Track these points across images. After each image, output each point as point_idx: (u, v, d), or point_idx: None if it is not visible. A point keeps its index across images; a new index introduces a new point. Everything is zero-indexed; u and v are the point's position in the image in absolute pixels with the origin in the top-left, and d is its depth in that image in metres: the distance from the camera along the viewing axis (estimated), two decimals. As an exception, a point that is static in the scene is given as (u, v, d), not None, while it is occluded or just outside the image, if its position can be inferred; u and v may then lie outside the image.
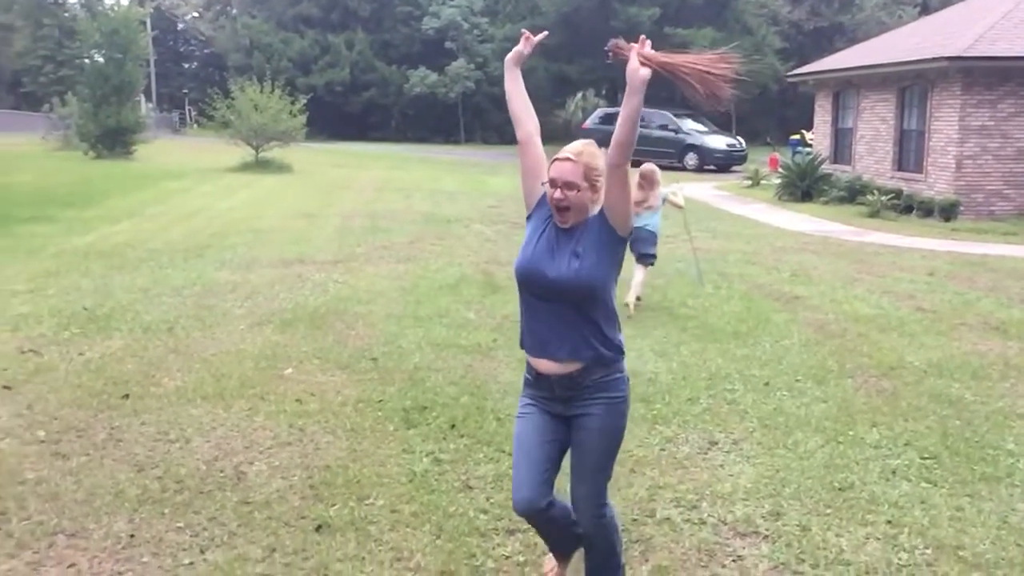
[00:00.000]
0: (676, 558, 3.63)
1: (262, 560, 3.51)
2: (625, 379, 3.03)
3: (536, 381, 3.03)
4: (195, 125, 52.56)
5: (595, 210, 2.96)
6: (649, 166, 8.22)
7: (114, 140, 28.16)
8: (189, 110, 58.56)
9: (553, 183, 2.89)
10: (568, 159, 2.89)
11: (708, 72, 2.84)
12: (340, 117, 46.82)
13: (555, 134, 43.12)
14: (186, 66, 64.80)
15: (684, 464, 4.61)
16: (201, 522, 3.83)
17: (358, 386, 5.80)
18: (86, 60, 33.38)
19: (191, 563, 3.47)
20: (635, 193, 8.03)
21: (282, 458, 4.58)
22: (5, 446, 4.61)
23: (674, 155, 27.86)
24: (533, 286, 2.95)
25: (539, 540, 3.72)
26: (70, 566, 3.43)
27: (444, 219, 14.95)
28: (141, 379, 5.81)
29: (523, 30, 3.18)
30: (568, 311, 2.90)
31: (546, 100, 39.67)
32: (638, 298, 7.97)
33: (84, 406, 5.27)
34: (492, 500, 4.11)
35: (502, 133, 43.19)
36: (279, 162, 25.76)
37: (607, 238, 2.90)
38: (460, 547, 3.65)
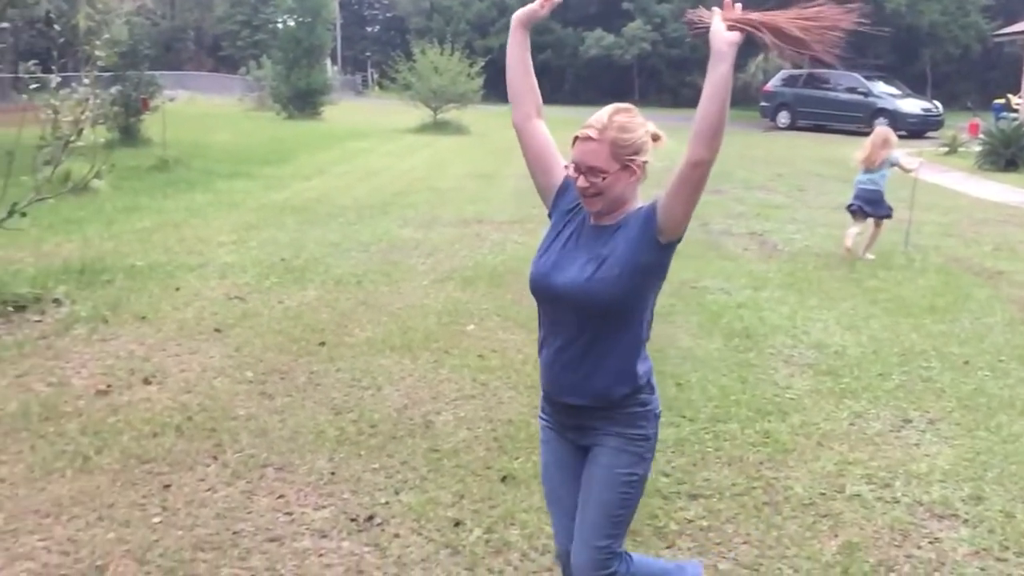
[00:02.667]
0: (867, 535, 3.51)
1: (452, 505, 3.66)
2: (652, 415, 2.41)
3: (546, 399, 2.52)
4: (376, 87, 54.34)
5: (636, 198, 2.34)
6: (885, 128, 9.04)
7: (304, 101, 29.55)
8: (371, 72, 60.61)
9: (576, 168, 2.30)
10: (589, 137, 2.27)
11: (815, 24, 2.18)
12: (515, 79, 47.17)
13: (734, 98, 41.67)
14: (369, 29, 67.01)
15: (875, 441, 4.43)
16: (394, 465, 4.03)
17: (536, 345, 5.88)
18: (279, 24, 35.16)
19: (387, 503, 3.66)
20: (863, 152, 8.63)
21: (467, 410, 4.73)
22: (219, 384, 4.99)
23: (862, 119, 26.36)
24: (540, 295, 2.39)
25: (723, 505, 3.71)
26: (279, 497, 3.70)
27: (619, 182, 14.86)
28: (335, 328, 6.13)
29: None
30: (576, 330, 2.31)
31: (725, 62, 38.51)
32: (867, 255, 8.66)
33: (285, 351, 5.62)
34: (673, 464, 4.10)
35: (677, 95, 42.40)
36: (456, 124, 26.28)
37: (646, 244, 2.25)
38: (642, 507, 3.64)
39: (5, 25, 6.22)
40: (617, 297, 2.25)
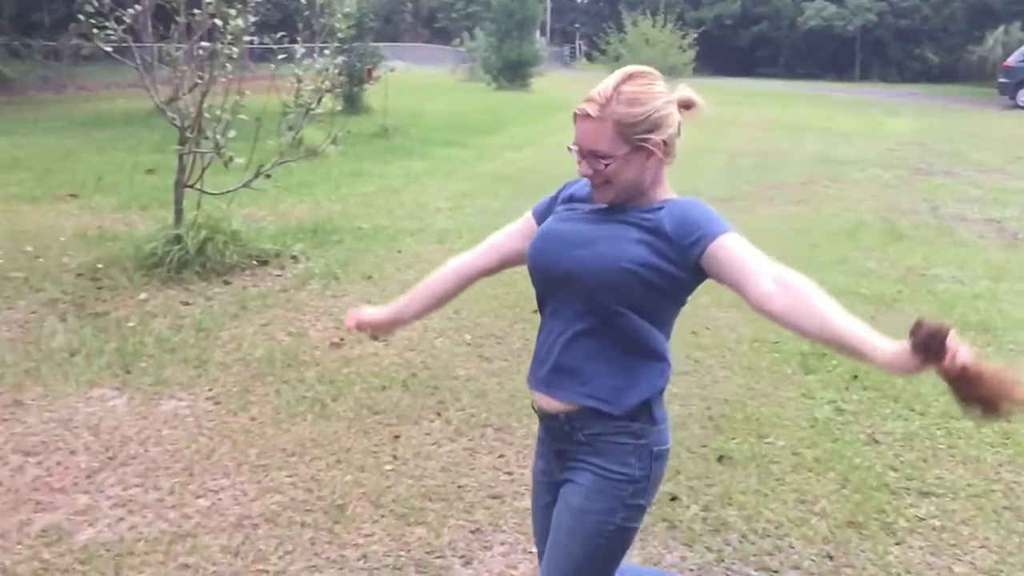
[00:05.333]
0: None
1: (668, 480, 3.64)
2: (646, 451, 1.92)
3: (540, 419, 2.09)
4: (584, 59, 54.40)
5: (662, 183, 1.93)
6: None
7: (514, 73, 30.05)
8: (579, 44, 60.70)
9: (579, 152, 1.91)
10: (587, 115, 1.86)
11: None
12: (727, 52, 45.90)
13: (968, 73, 38.74)
14: (579, 1, 67.02)
15: None
16: (609, 435, 4.07)
17: (752, 325, 5.75)
18: (493, -4, 35.83)
19: (603, 471, 3.71)
20: None
21: (681, 387, 4.70)
22: (440, 344, 5.21)
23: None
24: (538, 274, 2.01)
25: (957, 506, 3.51)
26: (499, 456, 3.83)
27: (838, 161, 14.16)
28: (548, 297, 6.23)
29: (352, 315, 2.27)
30: (576, 319, 1.92)
31: (960, 35, 35.72)
32: None
33: (500, 316, 5.78)
34: (902, 459, 3.91)
35: (903, 70, 39.84)
36: (665, 97, 25.91)
37: (676, 258, 1.86)
38: (869, 500, 3.53)
39: (259, -1, 6.66)
40: (624, 290, 1.85)
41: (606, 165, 1.85)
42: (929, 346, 1.61)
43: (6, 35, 22.77)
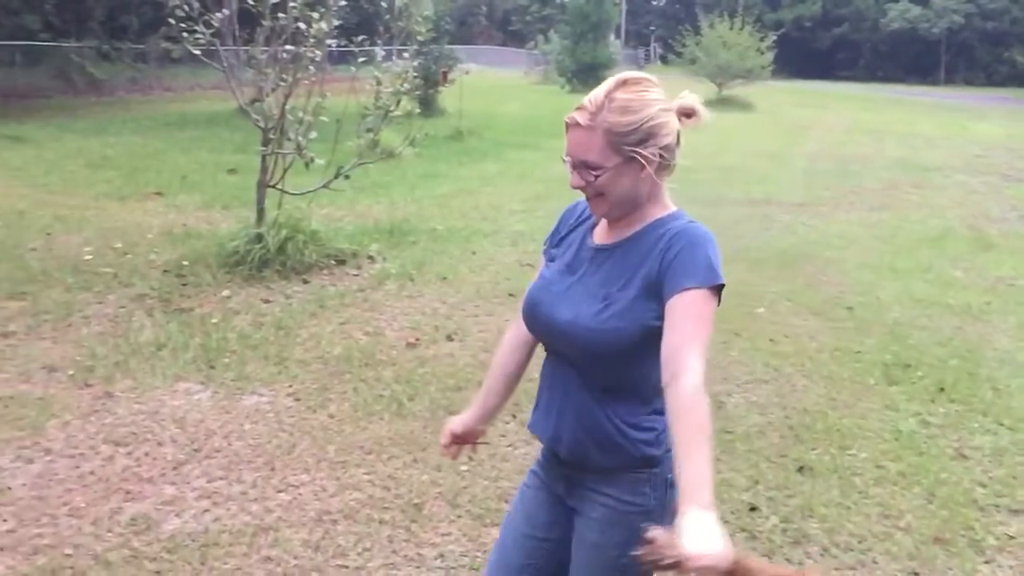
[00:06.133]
0: None
1: (747, 489, 3.60)
2: (660, 481, 1.79)
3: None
4: (658, 62, 53.99)
5: (660, 199, 1.79)
6: None
7: (587, 75, 29.92)
8: (654, 47, 60.26)
9: (572, 163, 1.77)
10: (577, 123, 1.73)
11: None
12: (806, 54, 45.11)
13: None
14: (654, 3, 66.57)
15: None
16: (686, 442, 4.02)
17: (832, 334, 5.64)
18: (568, -1, 35.80)
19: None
20: None
21: (759, 395, 4.63)
22: (514, 346, 5.22)
23: None
24: (535, 327, 1.89)
25: (1054, 528, 3.38)
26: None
27: (921, 166, 13.80)
28: (622, 301, 6.20)
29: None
30: (574, 373, 1.80)
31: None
32: None
33: (575, 319, 5.76)
34: (991, 475, 3.78)
35: (990, 73, 38.62)
36: (741, 100, 25.56)
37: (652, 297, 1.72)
38: (955, 516, 3.42)
39: (343, 2, 6.77)
40: (623, 336, 1.72)
41: (596, 176, 1.73)
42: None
43: (97, 38, 23.62)
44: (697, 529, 1.43)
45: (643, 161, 1.71)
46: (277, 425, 4.04)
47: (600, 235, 1.84)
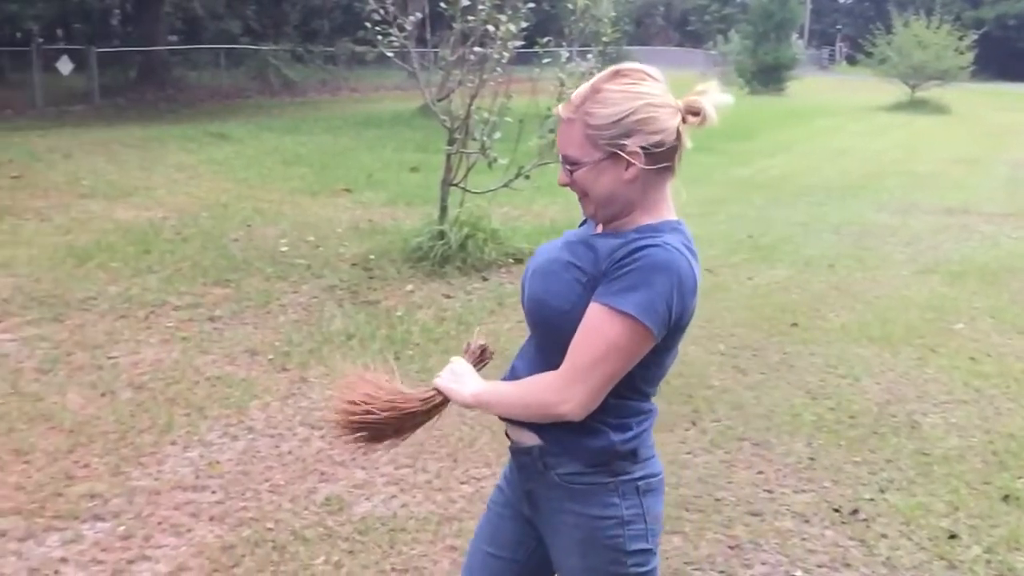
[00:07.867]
0: None
1: (945, 515, 3.39)
2: (630, 486, 1.65)
3: (511, 453, 1.84)
4: (844, 62, 51.74)
5: (658, 204, 1.68)
6: None
7: (768, 76, 29.15)
8: (840, 46, 57.81)
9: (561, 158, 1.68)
10: (561, 116, 1.66)
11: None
12: (1010, 54, 42.12)
13: None
14: (842, 1, 63.84)
15: None
16: (877, 461, 3.83)
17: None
18: (751, -2, 34.91)
19: (871, 499, 3.50)
20: None
21: (958, 416, 4.35)
22: (692, 352, 5.13)
23: None
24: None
25: None
26: (758, 472, 3.71)
27: None
28: (806, 311, 5.98)
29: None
30: (540, 356, 1.72)
31: None
32: None
33: (756, 328, 5.61)
34: None
35: None
36: (936, 102, 24.13)
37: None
38: (1018, 524, 3.10)
39: (531, 4, 6.87)
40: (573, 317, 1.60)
41: (572, 171, 1.63)
42: None
43: (291, 42, 25.01)
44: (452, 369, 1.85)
45: (627, 158, 1.59)
46: (459, 418, 4.14)
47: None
